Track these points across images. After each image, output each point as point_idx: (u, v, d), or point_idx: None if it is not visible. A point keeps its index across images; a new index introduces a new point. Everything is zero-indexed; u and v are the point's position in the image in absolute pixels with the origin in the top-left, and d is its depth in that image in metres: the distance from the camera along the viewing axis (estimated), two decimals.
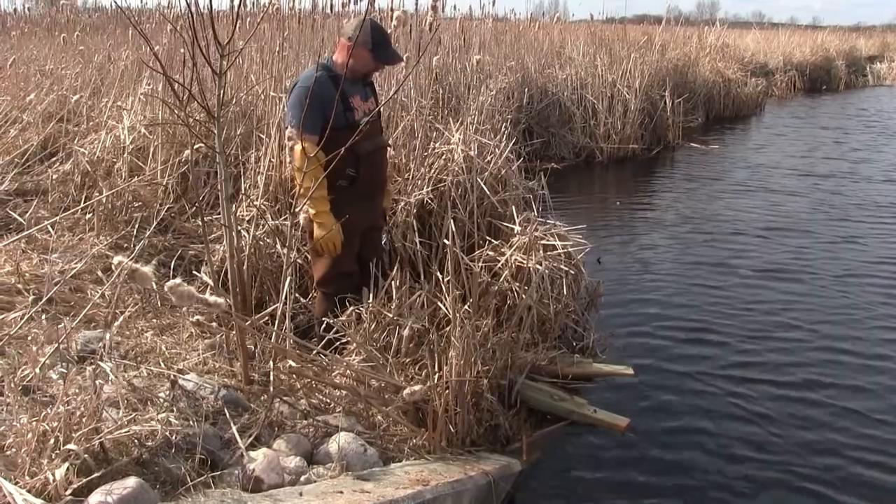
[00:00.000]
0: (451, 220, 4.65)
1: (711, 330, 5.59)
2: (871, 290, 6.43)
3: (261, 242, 4.97)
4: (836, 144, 14.42)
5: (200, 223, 4.59)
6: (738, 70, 19.03)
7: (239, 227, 4.73)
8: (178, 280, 2.42)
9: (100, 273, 4.42)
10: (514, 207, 5.47)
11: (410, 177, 5.52)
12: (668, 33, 16.20)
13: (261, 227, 5.01)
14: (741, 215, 8.93)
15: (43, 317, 3.12)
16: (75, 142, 6.25)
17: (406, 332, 4.00)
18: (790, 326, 5.66)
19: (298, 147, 3.79)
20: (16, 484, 2.07)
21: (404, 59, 4.58)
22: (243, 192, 5.47)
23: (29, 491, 2.06)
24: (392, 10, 6.58)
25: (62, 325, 3.06)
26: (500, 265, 4.95)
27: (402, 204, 5.28)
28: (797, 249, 7.58)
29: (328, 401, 3.51)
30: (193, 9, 3.07)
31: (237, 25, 3.20)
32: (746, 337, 5.48)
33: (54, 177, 5.83)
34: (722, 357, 5.16)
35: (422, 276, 4.83)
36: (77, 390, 2.48)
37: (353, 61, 3.89)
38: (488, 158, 5.87)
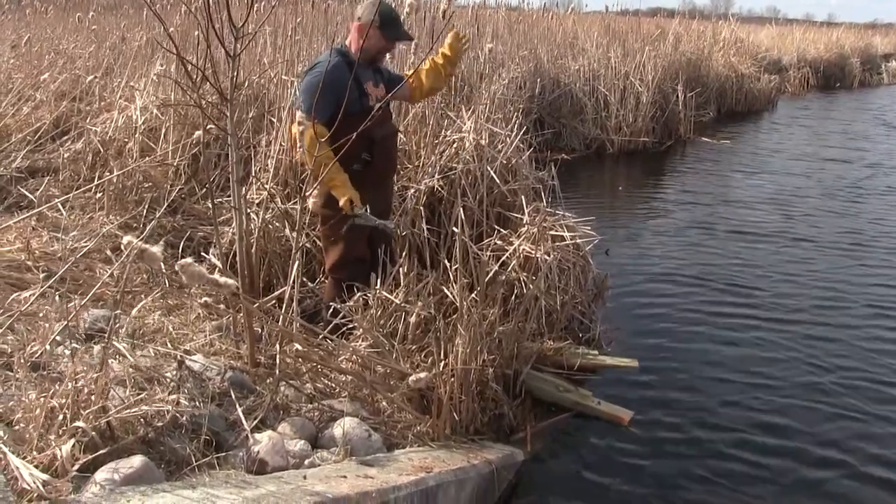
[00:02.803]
0: (461, 209, 4.66)
1: (719, 325, 5.59)
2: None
3: (270, 226, 4.98)
4: (847, 142, 14.36)
5: (210, 205, 4.60)
6: (752, 65, 18.95)
7: (248, 210, 4.74)
8: (189, 259, 2.42)
9: (109, 252, 4.43)
10: (523, 197, 5.47)
11: (421, 164, 5.52)
12: (682, 27, 16.13)
13: (270, 210, 5.01)
14: (751, 211, 8.91)
15: (56, 294, 3.13)
16: (87, 121, 6.26)
17: (413, 319, 4.01)
18: (800, 322, 5.66)
19: (310, 132, 3.77)
20: (23, 459, 2.09)
21: (415, 38, 4.54)
22: (254, 175, 5.48)
23: (36, 466, 2.07)
24: None
25: (72, 303, 3.07)
26: (508, 255, 4.95)
27: (412, 191, 5.28)
28: (808, 246, 7.58)
29: (334, 385, 3.52)
30: None
31: (252, 8, 3.19)
32: (755, 333, 5.47)
33: (66, 155, 5.85)
34: (729, 353, 5.15)
35: (429, 264, 4.83)
36: (85, 368, 2.49)
37: (365, 43, 3.89)
38: (499, 147, 5.86)
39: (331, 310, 4.00)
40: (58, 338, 2.85)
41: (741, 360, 5.06)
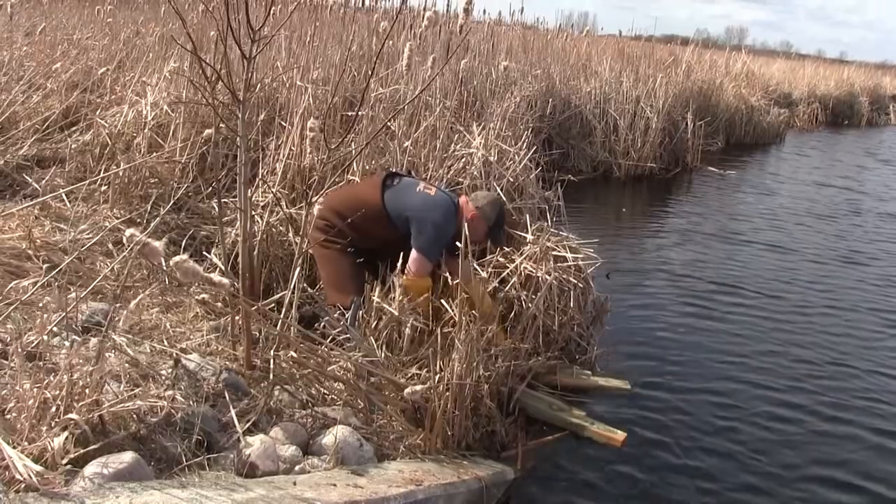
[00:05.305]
0: (465, 223, 4.64)
1: (718, 351, 5.61)
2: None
3: (273, 229, 4.97)
4: (855, 182, 14.39)
5: (216, 204, 4.60)
6: (762, 98, 18.95)
7: (253, 213, 4.74)
8: (183, 256, 2.41)
9: (110, 246, 4.43)
10: (528, 216, 5.46)
11: (428, 177, 5.51)
12: (694, 56, 16.16)
13: (275, 213, 5.01)
14: (753, 242, 8.91)
15: (55, 284, 3.13)
16: (97, 113, 6.26)
17: (408, 331, 4.01)
18: (795, 351, 5.72)
19: (428, 268, 4.30)
20: (14, 448, 2.08)
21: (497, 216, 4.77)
22: (260, 177, 5.48)
23: (27, 456, 2.06)
24: (424, 9, 6.58)
25: (71, 294, 3.07)
26: (508, 272, 4.94)
27: None
28: (806, 277, 7.64)
29: (327, 392, 3.51)
30: None
31: (270, 11, 3.20)
32: (754, 359, 5.51)
33: (73, 146, 5.84)
34: (725, 379, 5.16)
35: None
36: (81, 361, 2.48)
37: (469, 226, 4.14)
38: (507, 165, 5.86)
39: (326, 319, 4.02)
40: (55, 329, 2.84)
41: (739, 385, 5.08)
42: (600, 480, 3.93)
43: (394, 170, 4.97)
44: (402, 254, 4.30)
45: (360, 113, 5.32)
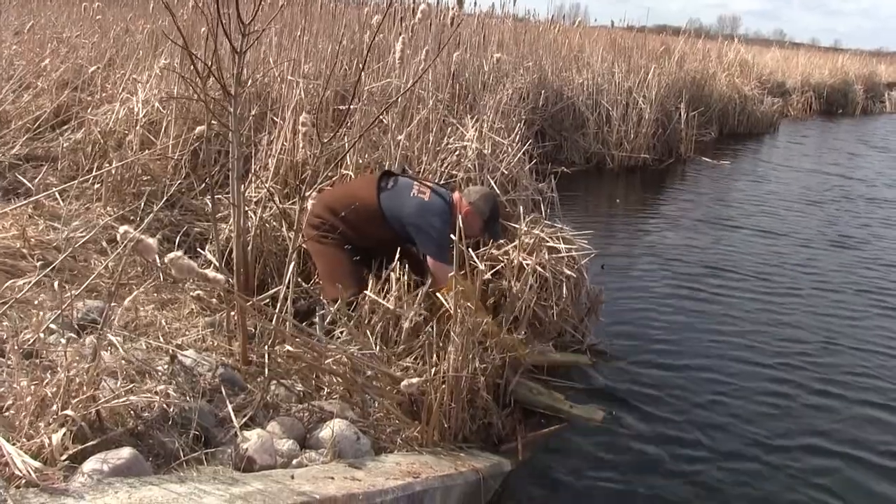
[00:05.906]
0: (460, 217, 4.65)
1: (709, 334, 5.73)
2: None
3: (267, 224, 4.97)
4: (847, 169, 14.43)
5: (209, 200, 4.59)
6: (756, 87, 18.95)
7: (246, 208, 4.73)
8: (178, 253, 2.41)
9: (104, 244, 4.42)
10: (521, 208, 5.46)
11: (422, 170, 5.51)
12: (687, 45, 16.15)
13: (268, 209, 5.01)
14: (745, 228, 9.00)
15: (55, 283, 3.12)
16: (88, 111, 6.24)
17: (406, 325, 4.01)
18: (785, 330, 5.88)
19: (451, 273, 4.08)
20: (13, 445, 2.08)
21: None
22: (253, 172, 5.47)
23: (26, 453, 2.07)
24: (415, 2, 6.57)
25: (67, 294, 3.07)
26: (503, 264, 4.94)
27: None
28: (797, 260, 7.78)
29: (324, 386, 3.51)
30: None
31: (260, 5, 3.19)
32: (742, 341, 5.63)
33: (65, 145, 5.82)
34: (720, 360, 5.28)
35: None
36: (77, 358, 2.48)
37: (464, 222, 4.10)
38: (501, 157, 5.86)
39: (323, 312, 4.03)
40: (51, 326, 2.84)
41: (733, 365, 5.24)
42: (596, 472, 3.94)
43: (388, 166, 4.97)
44: (398, 251, 4.33)
45: (352, 107, 5.32)
